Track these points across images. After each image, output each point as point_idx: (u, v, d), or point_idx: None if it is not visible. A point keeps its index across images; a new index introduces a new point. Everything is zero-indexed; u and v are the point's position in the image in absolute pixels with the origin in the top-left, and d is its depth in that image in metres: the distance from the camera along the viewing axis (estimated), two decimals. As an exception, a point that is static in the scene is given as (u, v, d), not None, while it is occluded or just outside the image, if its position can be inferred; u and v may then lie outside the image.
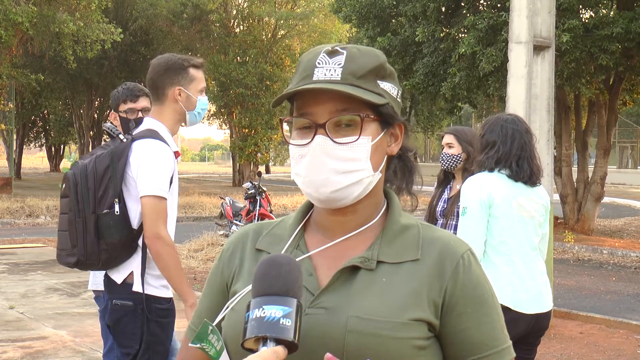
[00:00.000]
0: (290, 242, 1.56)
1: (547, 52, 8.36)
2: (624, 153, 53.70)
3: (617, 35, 14.17)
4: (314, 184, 1.48)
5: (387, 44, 17.34)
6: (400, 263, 1.49)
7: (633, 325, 8.56)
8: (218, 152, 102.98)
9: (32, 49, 26.29)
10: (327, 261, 1.52)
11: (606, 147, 17.93)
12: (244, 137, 35.53)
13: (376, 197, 1.57)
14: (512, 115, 4.43)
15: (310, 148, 1.47)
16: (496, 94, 15.96)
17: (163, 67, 3.72)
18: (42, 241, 15.49)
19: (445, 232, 1.58)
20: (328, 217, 1.56)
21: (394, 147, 1.57)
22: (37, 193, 25.61)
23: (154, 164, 3.57)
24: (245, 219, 15.26)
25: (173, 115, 3.77)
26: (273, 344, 1.26)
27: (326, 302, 1.46)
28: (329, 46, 1.51)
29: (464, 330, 1.47)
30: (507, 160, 4.19)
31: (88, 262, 3.61)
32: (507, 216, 4.12)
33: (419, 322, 1.44)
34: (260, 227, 1.65)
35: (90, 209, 3.55)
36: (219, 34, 36.01)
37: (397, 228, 1.54)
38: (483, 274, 1.54)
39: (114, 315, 3.70)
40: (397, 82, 1.58)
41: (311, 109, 1.48)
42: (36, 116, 45.75)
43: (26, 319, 8.34)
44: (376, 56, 1.52)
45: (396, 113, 1.54)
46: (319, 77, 1.47)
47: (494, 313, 1.52)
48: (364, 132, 1.47)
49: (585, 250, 15.26)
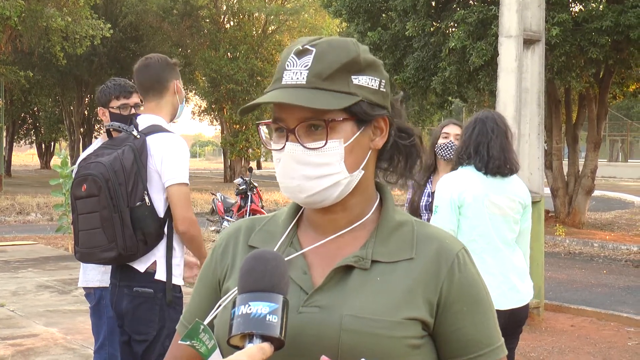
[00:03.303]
0: (284, 240, 1.55)
1: (537, 45, 8.37)
2: (614, 146, 53.87)
3: (606, 29, 14.20)
4: (288, 189, 1.48)
5: (378, 38, 17.33)
6: (395, 262, 1.48)
7: (624, 318, 8.60)
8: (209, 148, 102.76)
9: (21, 45, 26.21)
10: (321, 259, 1.51)
11: (596, 140, 17.98)
12: (235, 133, 35.52)
13: (366, 193, 1.54)
14: (488, 110, 4.44)
15: (282, 154, 1.46)
16: (487, 88, 15.97)
17: (164, 62, 3.95)
18: (32, 238, 15.44)
19: (439, 230, 1.57)
20: (318, 214, 1.54)
21: (379, 141, 1.53)
22: (28, 190, 25.55)
23: (176, 154, 3.77)
24: (236, 215, 15.26)
25: (170, 109, 3.98)
26: (259, 340, 1.25)
27: (320, 300, 1.44)
28: (300, 44, 1.47)
29: (459, 329, 1.47)
30: (466, 149, 4.19)
31: (128, 255, 3.70)
32: (477, 215, 4.12)
33: (414, 321, 1.43)
34: (252, 223, 1.63)
35: (125, 203, 3.66)
36: (210, 29, 35.96)
37: (392, 225, 1.52)
38: (478, 272, 1.53)
39: (134, 302, 3.78)
40: (380, 71, 1.52)
41: (282, 115, 1.46)
42: (26, 113, 45.62)
43: (17, 317, 8.31)
44: (347, 50, 1.47)
45: (376, 107, 1.49)
46: (287, 81, 1.45)
47: (489, 311, 1.53)
48: (333, 135, 1.44)
49: (576, 244, 15.31)
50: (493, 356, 1.49)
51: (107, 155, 3.74)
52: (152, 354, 3.78)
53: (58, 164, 11.79)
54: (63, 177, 11.76)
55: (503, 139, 4.19)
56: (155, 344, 3.79)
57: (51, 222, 18.39)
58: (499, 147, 4.16)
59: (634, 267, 12.93)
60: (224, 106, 35.67)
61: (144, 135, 3.76)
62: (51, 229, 15.82)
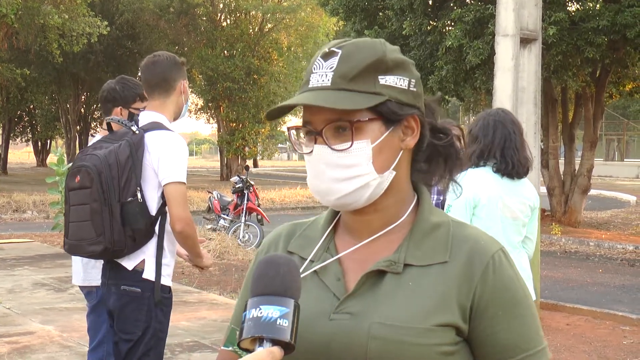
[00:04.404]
0: (320, 245, 1.54)
1: (534, 44, 8.37)
2: (611, 145, 53.95)
3: (603, 28, 14.22)
4: (319, 193, 1.47)
5: (374, 37, 17.27)
6: (428, 266, 1.45)
7: (619, 317, 8.61)
8: (205, 146, 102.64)
9: (18, 43, 26.13)
10: (355, 264, 1.49)
11: (593, 139, 18.00)
12: (231, 131, 35.51)
13: (399, 194, 1.51)
14: (498, 109, 4.42)
15: (311, 157, 1.46)
16: (483, 87, 15.98)
17: (172, 61, 3.93)
18: (29, 236, 15.42)
19: (476, 230, 1.52)
20: (352, 217, 1.52)
21: (410, 141, 1.50)
22: (24, 188, 25.50)
23: (174, 152, 3.73)
24: (233, 213, 15.24)
25: (174, 108, 3.96)
26: (269, 344, 1.25)
27: (351, 307, 1.43)
28: (327, 47, 1.47)
29: (495, 334, 1.43)
30: (490, 151, 4.16)
31: (115, 250, 3.67)
32: (491, 217, 4.09)
33: (446, 327, 1.41)
34: (293, 229, 1.63)
35: (116, 198, 3.63)
36: (206, 27, 35.93)
37: (427, 227, 1.49)
38: (516, 274, 1.48)
39: (121, 300, 3.75)
40: (410, 70, 1.50)
41: (310, 118, 1.46)
42: (22, 111, 45.54)
43: (13, 314, 8.31)
44: (374, 50, 1.46)
45: (405, 106, 1.47)
46: (314, 84, 1.45)
47: (528, 314, 1.47)
48: (360, 136, 1.43)
49: (572, 243, 15.33)
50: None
51: (105, 148, 3.72)
52: (135, 354, 3.74)
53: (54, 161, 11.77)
54: (59, 174, 11.71)
55: (521, 138, 4.21)
56: (139, 344, 3.74)
57: (47, 219, 18.38)
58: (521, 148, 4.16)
59: (629, 266, 12.96)
60: (221, 104, 35.64)
61: (143, 132, 3.74)
62: (47, 227, 15.80)
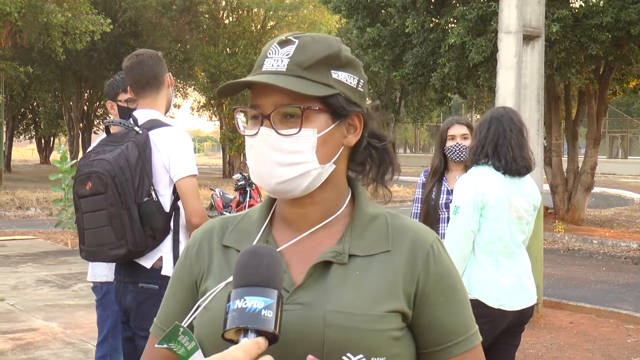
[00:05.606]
0: (259, 238, 1.54)
1: (537, 42, 8.36)
2: (614, 143, 53.90)
3: (606, 25, 14.20)
4: (260, 175, 1.49)
5: (377, 34, 17.32)
6: (372, 255, 1.49)
7: (623, 315, 8.61)
8: (208, 143, 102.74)
9: (21, 41, 26.17)
10: (298, 257, 1.51)
11: (596, 137, 17.98)
12: (233, 129, 35.49)
13: (337, 188, 1.55)
14: (503, 107, 4.38)
15: (255, 140, 1.47)
16: (486, 85, 15.97)
17: (156, 57, 3.97)
18: (32, 233, 15.45)
19: (412, 221, 1.58)
20: (289, 209, 1.55)
21: (351, 139, 1.54)
22: (27, 185, 25.56)
23: (182, 147, 3.80)
24: (235, 210, 15.25)
25: (165, 102, 4.01)
26: (254, 335, 1.26)
27: (302, 298, 1.44)
28: (283, 35, 1.50)
29: (437, 319, 1.49)
30: (482, 147, 4.13)
31: (138, 251, 3.68)
32: (498, 218, 4.06)
33: (394, 313, 1.45)
34: (225, 222, 1.63)
35: (132, 199, 3.64)
36: (209, 25, 35.93)
37: (366, 218, 1.53)
38: (451, 262, 1.56)
39: (138, 298, 3.77)
40: (359, 71, 1.54)
41: (259, 101, 1.48)
42: (26, 108, 45.60)
43: (17, 311, 8.32)
44: (329, 45, 1.49)
45: (352, 104, 1.51)
46: (268, 68, 1.47)
47: (465, 300, 1.54)
48: (308, 124, 1.45)
49: (575, 240, 15.32)
50: (469, 344, 1.51)
51: (110, 151, 3.70)
52: None
53: (57, 159, 11.81)
54: (62, 172, 11.78)
55: (520, 137, 4.14)
56: None
57: (51, 217, 18.41)
58: (517, 146, 4.11)
59: (633, 264, 12.94)
60: (223, 102, 35.61)
61: (146, 130, 3.76)
62: (50, 224, 15.85)
